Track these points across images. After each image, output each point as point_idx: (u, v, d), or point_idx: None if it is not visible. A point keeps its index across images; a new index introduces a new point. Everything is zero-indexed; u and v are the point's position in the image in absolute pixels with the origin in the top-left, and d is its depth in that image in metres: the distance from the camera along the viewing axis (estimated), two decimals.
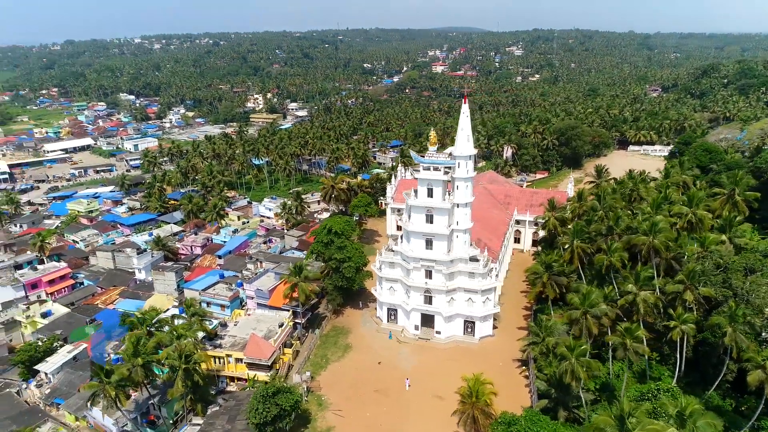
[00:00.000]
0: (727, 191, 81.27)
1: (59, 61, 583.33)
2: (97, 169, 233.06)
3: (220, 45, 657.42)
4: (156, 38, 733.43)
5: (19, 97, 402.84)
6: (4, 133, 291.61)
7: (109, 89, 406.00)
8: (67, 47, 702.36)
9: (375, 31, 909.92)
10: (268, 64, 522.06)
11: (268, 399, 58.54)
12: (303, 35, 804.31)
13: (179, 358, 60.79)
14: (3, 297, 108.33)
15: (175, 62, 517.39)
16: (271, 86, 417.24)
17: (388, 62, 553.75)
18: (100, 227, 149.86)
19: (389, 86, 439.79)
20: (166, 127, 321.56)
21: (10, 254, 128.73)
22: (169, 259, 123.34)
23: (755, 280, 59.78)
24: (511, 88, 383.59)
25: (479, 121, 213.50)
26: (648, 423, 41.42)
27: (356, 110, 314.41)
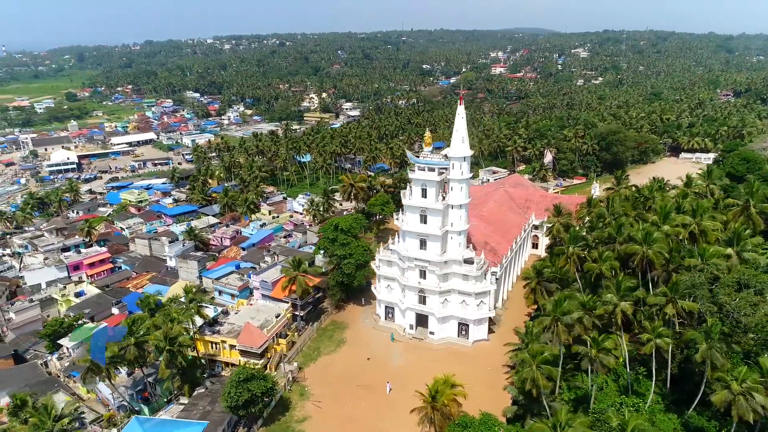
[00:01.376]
0: (742, 202, 76.51)
1: (137, 60, 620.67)
2: (155, 162, 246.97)
3: (285, 45, 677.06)
4: (227, 39, 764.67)
5: (97, 94, 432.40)
6: (79, 126, 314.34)
7: (177, 87, 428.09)
8: (145, 47, 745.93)
9: (439, 32, 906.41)
10: (328, 64, 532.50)
11: (240, 384, 61.31)
12: (367, 36, 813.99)
13: (165, 340, 64.62)
14: (48, 276, 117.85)
15: (241, 62, 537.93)
16: (329, 86, 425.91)
17: (447, 63, 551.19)
18: (146, 216, 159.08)
19: (445, 87, 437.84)
20: (224, 124, 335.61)
21: (61, 238, 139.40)
22: (200, 248, 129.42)
23: (745, 296, 56.42)
24: (570, 91, 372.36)
25: (523, 124, 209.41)
26: None
27: (406, 111, 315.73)
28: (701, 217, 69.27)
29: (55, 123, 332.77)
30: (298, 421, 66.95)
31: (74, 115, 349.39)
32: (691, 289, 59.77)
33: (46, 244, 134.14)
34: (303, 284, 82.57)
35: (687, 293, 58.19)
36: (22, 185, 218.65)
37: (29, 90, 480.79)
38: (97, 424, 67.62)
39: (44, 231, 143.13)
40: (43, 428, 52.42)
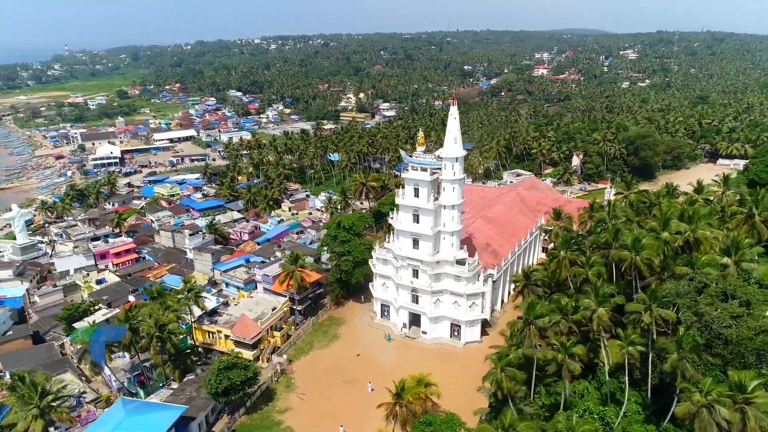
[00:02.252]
0: (747, 211, 73.32)
1: (187, 59, 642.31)
2: (192, 158, 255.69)
3: (329, 46, 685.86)
4: (273, 39, 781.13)
5: (146, 92, 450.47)
6: (126, 122, 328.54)
7: (221, 86, 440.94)
8: (196, 47, 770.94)
9: (485, 33, 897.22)
10: (369, 64, 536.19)
11: (221, 372, 63.63)
12: (412, 36, 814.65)
13: (155, 327, 67.67)
14: (76, 264, 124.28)
15: (284, 62, 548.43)
16: (367, 86, 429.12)
17: (489, 64, 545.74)
18: (175, 210, 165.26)
19: (484, 89, 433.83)
20: (262, 122, 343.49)
21: (92, 228, 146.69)
22: (219, 242, 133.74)
23: (727, 307, 54.44)
24: (612, 94, 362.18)
25: (553, 127, 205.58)
26: None
27: (440, 112, 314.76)
28: (696, 224, 66.87)
29: (105, 119, 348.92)
30: (280, 411, 68.78)
31: (123, 112, 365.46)
32: (673, 297, 58.15)
33: (78, 233, 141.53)
34: (299, 279, 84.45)
35: (667, 302, 56.54)
36: (68, 177, 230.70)
37: (86, 87, 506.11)
38: (94, 404, 71.35)
39: (77, 221, 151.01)
40: (30, 403, 56.10)
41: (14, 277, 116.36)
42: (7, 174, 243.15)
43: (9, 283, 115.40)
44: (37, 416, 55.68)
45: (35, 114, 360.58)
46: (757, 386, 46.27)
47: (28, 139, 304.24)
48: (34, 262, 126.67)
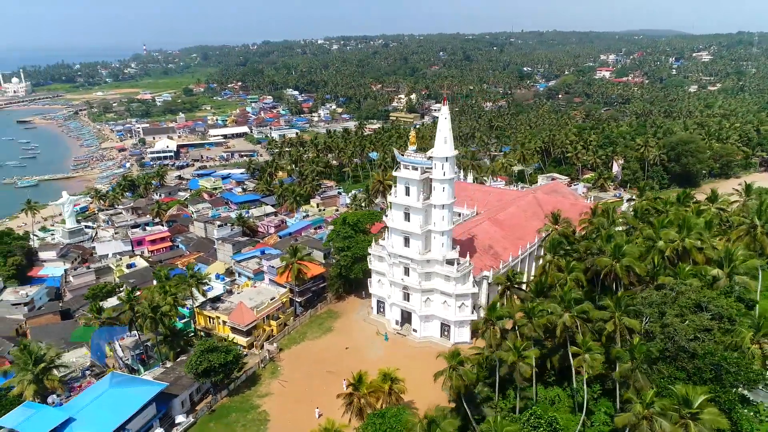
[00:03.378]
0: (749, 222, 69.10)
1: (252, 59, 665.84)
2: (242, 154, 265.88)
3: (389, 46, 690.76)
4: (335, 39, 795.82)
5: (210, 89, 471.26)
6: (186, 118, 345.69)
7: (280, 84, 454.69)
8: (262, 47, 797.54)
9: (551, 34, 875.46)
10: (426, 65, 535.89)
11: (202, 354, 67.29)
12: (474, 37, 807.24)
13: (148, 308, 72.36)
14: (115, 249, 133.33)
15: (342, 62, 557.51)
16: (421, 87, 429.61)
17: (550, 66, 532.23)
18: (215, 202, 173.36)
19: (540, 91, 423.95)
20: (314, 121, 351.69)
21: (134, 216, 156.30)
22: (247, 234, 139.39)
23: (695, 319, 52.21)
24: (676, 97, 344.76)
25: (598, 131, 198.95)
26: None
27: (488, 113, 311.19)
28: (686, 233, 64.05)
29: (168, 115, 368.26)
30: (260, 396, 71.76)
31: (186, 108, 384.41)
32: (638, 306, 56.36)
33: (121, 221, 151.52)
34: (296, 271, 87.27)
35: (632, 310, 54.84)
36: (127, 169, 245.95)
37: (157, 85, 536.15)
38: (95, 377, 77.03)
39: (122, 209, 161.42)
40: (26, 369, 61.81)
41: (57, 258, 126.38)
42: (75, 164, 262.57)
43: (53, 263, 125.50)
44: (30, 381, 61.29)
45: (107, 109, 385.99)
46: (705, 401, 44.42)
47: (98, 133, 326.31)
48: (78, 245, 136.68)
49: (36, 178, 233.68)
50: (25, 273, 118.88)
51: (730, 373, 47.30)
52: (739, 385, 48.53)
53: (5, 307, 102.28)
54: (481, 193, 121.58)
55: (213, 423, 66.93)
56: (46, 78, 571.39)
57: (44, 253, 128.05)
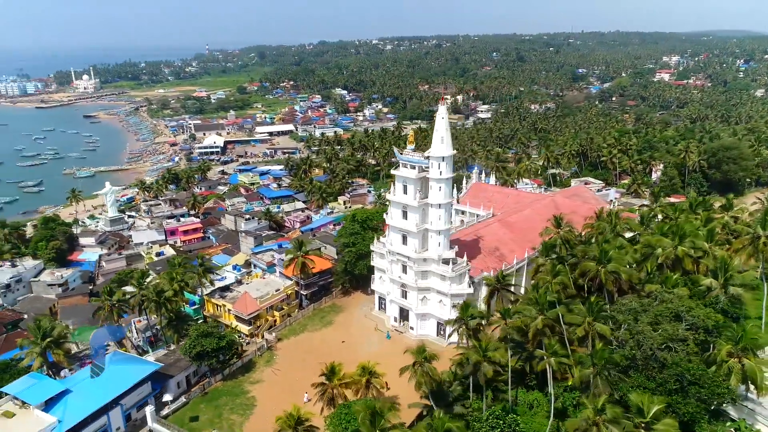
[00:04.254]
0: (753, 231, 65.56)
1: (306, 59, 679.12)
2: (284, 151, 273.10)
3: (442, 47, 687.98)
4: (390, 40, 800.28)
5: (263, 88, 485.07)
6: (236, 116, 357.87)
7: (329, 84, 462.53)
8: (317, 47, 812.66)
9: (612, 35, 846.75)
10: (477, 66, 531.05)
11: (196, 339, 70.75)
12: (531, 38, 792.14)
13: (153, 292, 76.66)
14: (149, 237, 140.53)
15: (393, 62, 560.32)
16: (470, 87, 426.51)
17: (606, 67, 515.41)
18: (250, 197, 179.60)
19: (593, 93, 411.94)
20: (358, 120, 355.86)
21: (171, 207, 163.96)
22: (273, 228, 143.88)
23: (668, 328, 50.64)
24: (739, 102, 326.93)
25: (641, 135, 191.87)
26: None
27: (533, 115, 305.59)
28: (679, 240, 61.86)
29: (221, 112, 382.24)
30: (252, 382, 74.60)
31: (237, 106, 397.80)
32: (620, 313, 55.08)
33: (158, 212, 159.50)
34: (300, 265, 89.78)
35: (605, 316, 53.72)
36: (175, 163, 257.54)
37: (215, 83, 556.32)
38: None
39: (161, 201, 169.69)
40: (35, 342, 67.10)
41: (96, 244, 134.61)
42: (129, 157, 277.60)
43: (91, 249, 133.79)
44: (38, 354, 66.50)
45: (164, 106, 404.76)
46: (661, 412, 43.31)
47: (154, 128, 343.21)
48: (117, 233, 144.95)
49: (92, 169, 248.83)
50: (65, 257, 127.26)
51: (694, 385, 45.66)
52: (707, 399, 46.73)
53: (42, 287, 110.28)
54: (500, 195, 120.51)
55: (204, 405, 70.21)
56: (113, 75, 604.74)
57: (84, 239, 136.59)
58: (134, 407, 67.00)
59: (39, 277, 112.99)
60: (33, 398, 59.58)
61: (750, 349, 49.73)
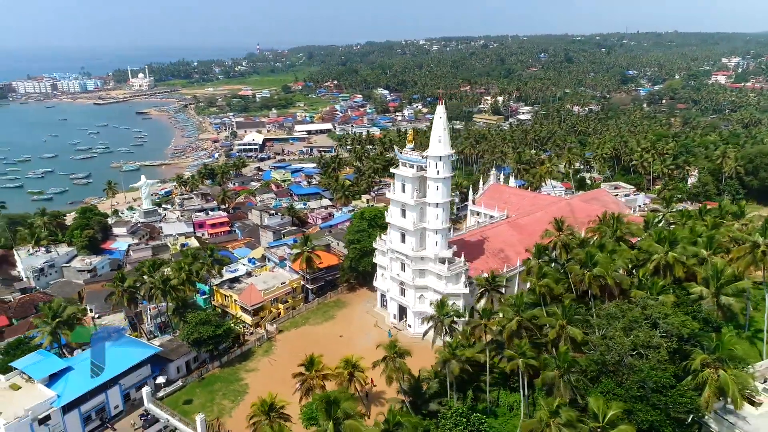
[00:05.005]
0: (753, 239, 62.67)
1: (353, 59, 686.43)
2: (320, 149, 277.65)
3: (488, 47, 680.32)
4: (437, 40, 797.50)
5: (307, 87, 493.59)
6: (278, 114, 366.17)
7: (371, 84, 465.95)
8: (365, 47, 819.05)
9: (669, 35, 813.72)
10: (523, 67, 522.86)
11: (194, 326, 73.95)
12: (583, 38, 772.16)
13: (159, 281, 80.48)
14: (178, 229, 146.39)
15: (437, 63, 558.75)
16: (512, 88, 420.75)
17: (659, 69, 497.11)
18: (280, 193, 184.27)
19: (642, 96, 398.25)
20: (397, 120, 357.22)
21: (202, 201, 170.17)
22: (296, 224, 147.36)
23: (641, 335, 49.56)
24: None
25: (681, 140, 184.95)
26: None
27: (574, 118, 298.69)
28: (669, 247, 60.15)
29: (264, 110, 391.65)
30: (247, 370, 77.23)
31: (281, 105, 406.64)
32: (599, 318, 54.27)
33: (190, 205, 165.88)
34: (306, 259, 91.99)
35: (578, 320, 53.01)
36: (215, 159, 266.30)
37: (263, 82, 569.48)
38: None
39: (193, 195, 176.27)
40: (46, 322, 71.85)
41: (127, 234, 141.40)
42: (173, 152, 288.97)
43: (123, 238, 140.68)
44: (47, 333, 71.22)
45: (211, 104, 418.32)
46: (615, 417, 42.69)
47: (199, 125, 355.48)
48: (149, 224, 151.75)
49: (138, 163, 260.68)
50: (99, 245, 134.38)
51: (656, 393, 44.64)
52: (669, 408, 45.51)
53: (72, 272, 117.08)
54: (516, 196, 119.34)
55: (199, 389, 73.30)
56: (167, 74, 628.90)
57: (117, 229, 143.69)
58: (133, 387, 70.71)
59: (71, 263, 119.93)
60: (37, 373, 63.97)
61: (726, 360, 48.03)
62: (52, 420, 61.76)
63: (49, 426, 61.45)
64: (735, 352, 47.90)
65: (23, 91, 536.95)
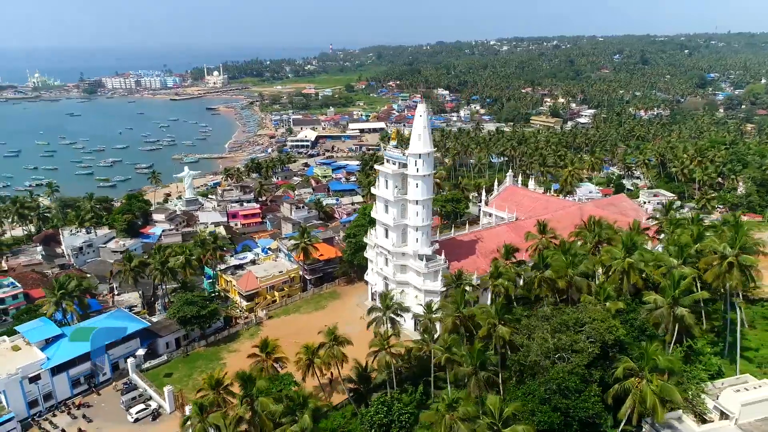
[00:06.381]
0: (720, 251, 58.94)
1: (420, 59, 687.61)
2: (369, 147, 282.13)
3: (559, 48, 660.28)
4: (507, 41, 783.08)
5: (370, 87, 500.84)
6: (336, 112, 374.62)
7: (433, 84, 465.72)
8: (435, 47, 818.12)
9: (764, 36, 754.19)
10: (593, 68, 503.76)
11: (181, 306, 79.28)
12: (667, 39, 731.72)
13: (158, 262, 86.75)
14: (213, 218, 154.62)
15: (503, 63, 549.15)
16: (576, 91, 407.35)
17: (744, 71, 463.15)
18: (318, 188, 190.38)
19: (719, 101, 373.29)
20: (452, 120, 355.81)
21: (240, 193, 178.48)
22: (322, 218, 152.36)
23: (563, 338, 48.87)
24: None
25: (739, 147, 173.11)
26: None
27: (632, 122, 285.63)
28: (627, 254, 58.27)
29: (323, 108, 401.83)
30: (229, 351, 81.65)
31: (341, 103, 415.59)
32: (535, 320, 53.84)
33: (229, 196, 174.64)
34: (302, 251, 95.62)
35: (509, 319, 52.78)
36: (268, 154, 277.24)
37: (330, 81, 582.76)
38: None
39: (233, 187, 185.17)
40: (53, 293, 79.59)
41: (165, 221, 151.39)
42: (231, 146, 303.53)
43: (161, 224, 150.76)
44: (52, 303, 78.87)
45: (275, 101, 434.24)
46: (508, 415, 42.81)
47: (260, 121, 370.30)
48: (188, 212, 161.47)
49: (197, 156, 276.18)
50: (138, 229, 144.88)
51: (556, 395, 44.07)
52: (570, 412, 44.69)
53: (107, 252, 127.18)
54: (529, 199, 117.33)
55: (182, 364, 78.52)
56: (240, 72, 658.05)
57: (157, 215, 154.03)
58: (122, 357, 76.92)
59: (107, 244, 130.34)
60: (33, 337, 71.32)
61: (652, 370, 46.39)
62: (41, 380, 68.77)
63: (38, 385, 68.44)
64: (658, 363, 46.12)
65: (111, 86, 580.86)
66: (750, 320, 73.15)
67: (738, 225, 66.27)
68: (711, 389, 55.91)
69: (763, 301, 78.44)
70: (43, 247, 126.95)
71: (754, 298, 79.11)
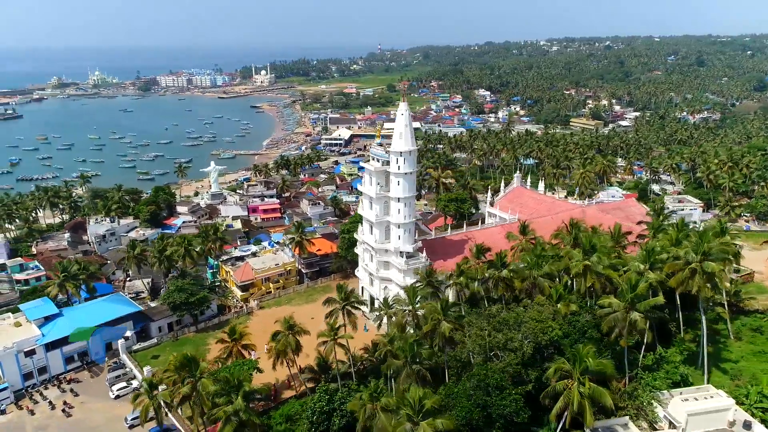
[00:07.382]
0: (683, 257, 56.79)
1: (467, 59, 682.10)
2: None
3: (611, 49, 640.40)
4: (557, 41, 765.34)
5: (411, 87, 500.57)
6: (372, 111, 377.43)
7: (474, 84, 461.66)
8: (482, 47, 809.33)
9: None
10: (644, 70, 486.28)
11: (171, 293, 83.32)
12: (730, 39, 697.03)
13: (156, 250, 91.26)
14: (233, 212, 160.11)
15: (549, 64, 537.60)
16: (622, 93, 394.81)
17: None
18: (341, 186, 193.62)
19: None
20: (489, 121, 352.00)
21: (264, 188, 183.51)
22: (337, 215, 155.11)
23: (499, 336, 48.99)
24: None
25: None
26: None
27: (673, 125, 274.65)
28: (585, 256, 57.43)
29: (363, 108, 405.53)
30: (215, 338, 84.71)
31: (380, 103, 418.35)
32: (483, 318, 54.15)
33: (252, 191, 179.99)
34: (297, 245, 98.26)
35: (453, 315, 53.20)
36: (302, 151, 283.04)
37: (375, 81, 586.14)
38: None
39: (257, 182, 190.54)
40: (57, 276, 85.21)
41: (188, 213, 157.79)
42: (268, 143, 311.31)
43: (183, 216, 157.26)
44: (56, 285, 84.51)
45: (316, 100, 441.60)
46: (429, 407, 43.47)
47: (300, 120, 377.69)
48: (212, 205, 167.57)
49: (234, 152, 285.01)
50: (162, 220, 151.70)
51: (478, 391, 44.33)
52: (490, 409, 44.79)
53: (128, 241, 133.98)
54: (534, 201, 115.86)
55: (170, 348, 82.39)
56: (287, 71, 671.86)
57: (181, 207, 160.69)
58: (114, 338, 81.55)
59: (129, 233, 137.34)
60: (32, 315, 76.80)
61: (584, 372, 45.86)
62: (36, 354, 74.02)
63: (33, 359, 73.69)
64: (589, 365, 45.51)
65: (164, 84, 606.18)
66: (736, 332, 70.36)
67: (711, 232, 63.61)
68: (666, 398, 54.53)
69: (757, 313, 75.18)
70: (71, 234, 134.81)
71: (748, 310, 76.06)
